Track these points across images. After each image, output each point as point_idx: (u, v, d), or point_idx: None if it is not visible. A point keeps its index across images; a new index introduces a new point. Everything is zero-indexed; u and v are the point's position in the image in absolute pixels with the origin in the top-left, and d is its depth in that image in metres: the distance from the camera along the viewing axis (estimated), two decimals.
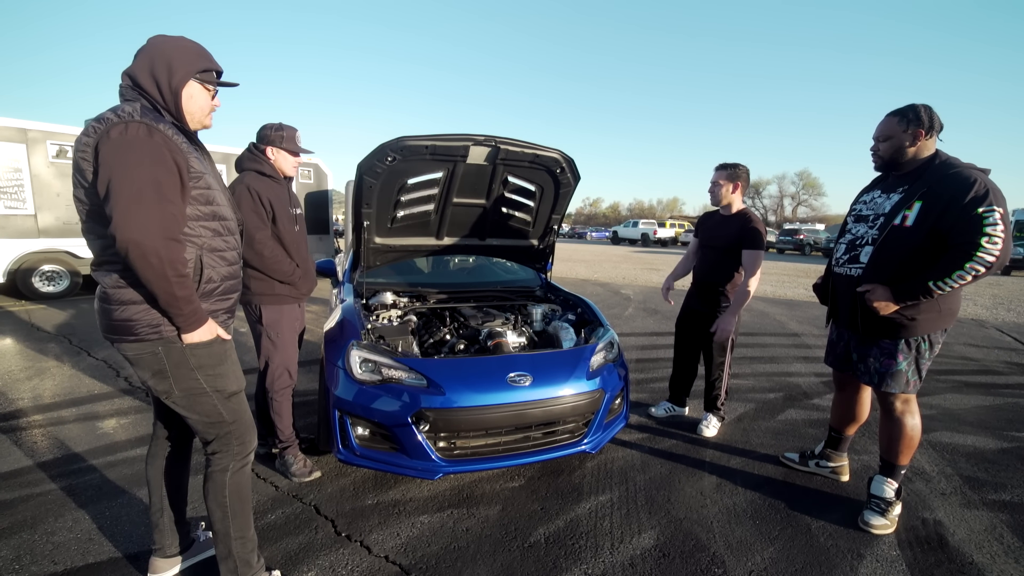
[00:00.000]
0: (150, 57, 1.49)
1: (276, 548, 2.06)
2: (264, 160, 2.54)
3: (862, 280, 2.23)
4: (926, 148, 2.17)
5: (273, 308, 2.54)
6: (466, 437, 2.40)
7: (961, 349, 5.69)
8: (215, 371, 1.64)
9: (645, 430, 3.31)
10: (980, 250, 1.91)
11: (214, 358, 1.63)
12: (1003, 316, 7.99)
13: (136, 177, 1.37)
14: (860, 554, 2.12)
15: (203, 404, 1.64)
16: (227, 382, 1.68)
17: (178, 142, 1.47)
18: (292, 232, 2.56)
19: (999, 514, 2.42)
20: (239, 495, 1.76)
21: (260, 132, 2.57)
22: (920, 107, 2.13)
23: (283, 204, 2.53)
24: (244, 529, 1.78)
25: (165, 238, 1.40)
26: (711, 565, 2.03)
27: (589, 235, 47.41)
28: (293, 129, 2.62)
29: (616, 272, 13.92)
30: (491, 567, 1.99)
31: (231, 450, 1.72)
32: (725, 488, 2.62)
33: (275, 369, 2.57)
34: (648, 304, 8.47)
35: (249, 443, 1.77)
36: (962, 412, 3.73)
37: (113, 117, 1.41)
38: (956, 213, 1.96)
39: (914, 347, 2.19)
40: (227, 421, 1.70)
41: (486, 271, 4.37)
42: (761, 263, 3.03)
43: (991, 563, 2.07)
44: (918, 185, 2.11)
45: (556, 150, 3.09)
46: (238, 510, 1.76)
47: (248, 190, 2.43)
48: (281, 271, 2.50)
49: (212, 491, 1.73)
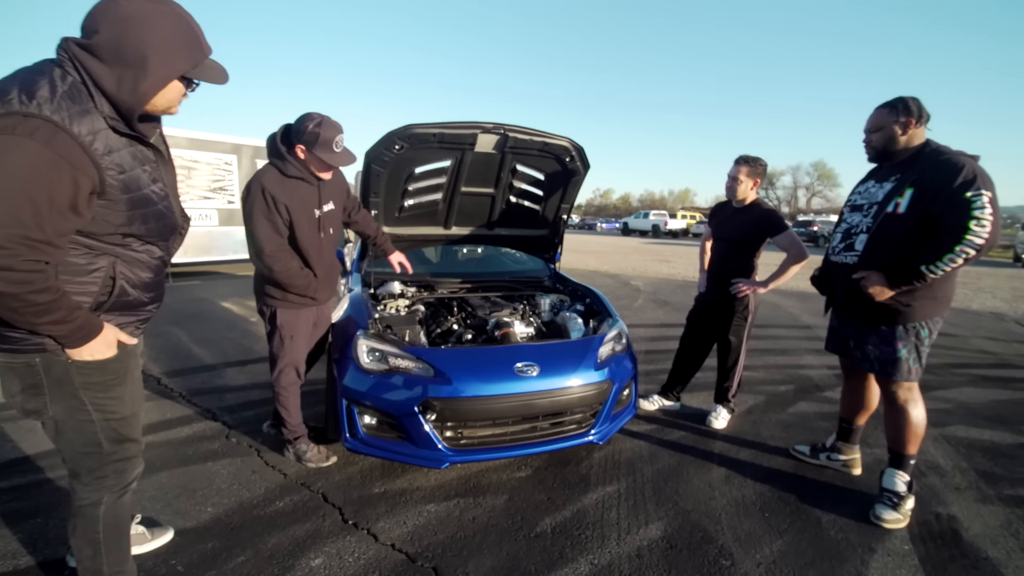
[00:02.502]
0: (121, 34, 1.13)
1: (283, 535, 2.08)
2: (290, 160, 2.24)
3: (858, 267, 2.26)
4: (916, 137, 2.22)
5: (288, 312, 2.46)
6: (473, 427, 2.40)
7: (979, 342, 5.58)
8: (107, 393, 1.37)
9: (654, 421, 3.29)
10: (969, 233, 1.95)
11: (107, 377, 1.35)
12: (1023, 309, 7.82)
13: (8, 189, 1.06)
14: (871, 548, 2.09)
15: (81, 431, 1.36)
16: (119, 405, 1.40)
17: (97, 149, 1.16)
18: (314, 239, 2.37)
19: (1015, 509, 2.37)
20: (116, 527, 1.50)
21: (297, 124, 2.23)
22: (908, 98, 2.21)
23: (306, 207, 2.31)
24: (120, 562, 1.53)
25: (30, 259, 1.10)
26: (719, 557, 2.02)
27: (599, 226, 47.10)
28: (335, 129, 2.22)
29: (626, 263, 13.84)
30: (497, 556, 1.99)
31: (106, 483, 1.44)
32: (734, 480, 2.59)
33: (283, 367, 2.53)
34: (658, 295, 8.40)
35: (129, 472, 1.49)
36: (978, 406, 3.66)
37: (15, 101, 1.07)
38: (946, 198, 2.01)
39: (912, 333, 2.21)
40: (105, 452, 1.40)
41: (494, 261, 4.35)
42: (798, 238, 2.96)
43: (1007, 559, 2.03)
44: (909, 173, 2.16)
45: (565, 138, 3.05)
46: (113, 543, 1.50)
47: (263, 194, 2.19)
48: (294, 286, 2.36)
49: (81, 528, 1.45)
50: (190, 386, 3.69)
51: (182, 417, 3.17)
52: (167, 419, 3.13)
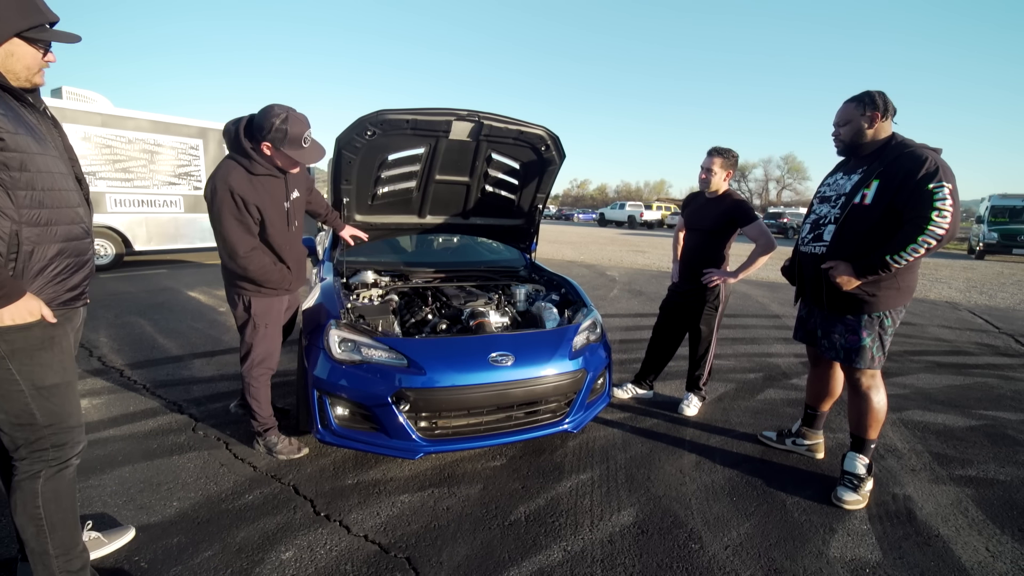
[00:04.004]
0: None
1: (253, 528, 2.04)
2: (256, 158, 2.17)
3: (826, 257, 2.32)
4: (883, 130, 2.29)
5: (263, 300, 2.44)
6: (447, 417, 2.39)
7: (935, 331, 5.84)
8: (32, 360, 1.39)
9: (627, 409, 3.34)
10: (931, 224, 2.02)
11: (32, 343, 1.38)
12: (976, 299, 8.20)
13: None
14: (832, 528, 2.17)
15: (11, 401, 1.39)
16: (46, 373, 1.42)
17: None
18: (284, 233, 2.36)
19: (965, 489, 2.50)
20: (58, 504, 1.49)
21: (260, 119, 2.13)
22: (875, 93, 2.27)
23: (276, 203, 2.28)
24: (68, 544, 1.52)
25: None
26: (688, 541, 2.07)
27: (576, 217, 47.31)
28: (302, 124, 2.16)
29: (602, 254, 13.94)
30: (471, 545, 1.99)
31: (44, 456, 1.46)
32: (704, 466, 2.66)
33: (256, 356, 2.49)
34: (633, 286, 8.50)
35: (70, 446, 1.51)
36: (933, 391, 3.83)
37: None
38: (910, 190, 2.08)
39: (877, 322, 2.28)
40: (39, 424, 1.43)
41: (470, 251, 4.32)
42: (767, 228, 3.04)
43: (956, 535, 2.14)
44: (875, 165, 2.22)
45: (541, 127, 3.03)
46: (57, 522, 1.49)
47: (232, 196, 2.13)
48: (270, 281, 2.36)
49: (21, 503, 1.45)
50: (155, 378, 3.57)
51: (146, 410, 3.07)
52: (130, 412, 3.02)
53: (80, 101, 8.19)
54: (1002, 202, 17.28)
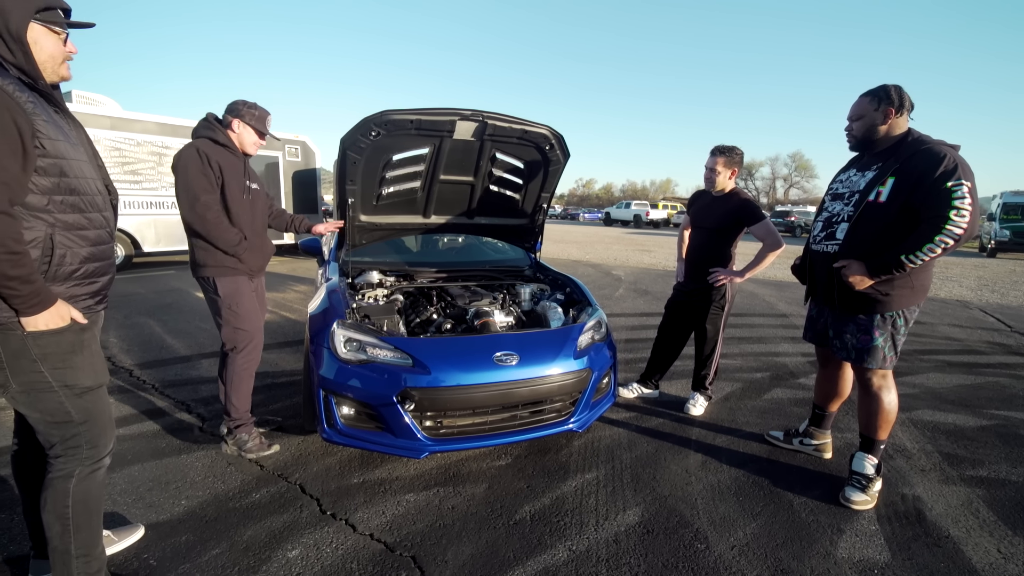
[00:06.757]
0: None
1: (260, 526, 2.05)
2: (221, 130, 2.47)
3: (838, 256, 2.27)
4: (898, 126, 2.22)
5: (228, 280, 2.49)
6: (452, 416, 2.39)
7: (945, 329, 5.77)
8: (64, 363, 1.43)
9: (632, 409, 3.33)
10: (949, 223, 1.97)
11: (64, 347, 1.42)
12: (987, 297, 8.10)
13: None
14: (840, 529, 2.15)
15: (46, 401, 1.43)
16: (79, 376, 1.46)
17: (22, 100, 1.29)
18: (240, 201, 2.49)
19: (976, 489, 2.47)
20: (85, 505, 1.52)
21: (231, 104, 2.51)
22: (891, 87, 2.19)
23: (236, 174, 2.47)
24: (89, 546, 1.55)
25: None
26: (694, 541, 2.06)
27: (582, 216, 47.23)
28: (266, 112, 2.58)
29: (608, 253, 13.91)
30: (476, 544, 2.00)
31: (79, 454, 1.51)
32: (710, 466, 2.64)
33: (238, 336, 2.52)
34: (639, 285, 8.48)
35: (103, 446, 1.55)
36: (944, 391, 3.78)
37: None
38: (927, 188, 2.02)
39: (890, 322, 2.24)
40: (75, 422, 1.47)
41: (474, 250, 4.32)
42: (774, 228, 3.01)
43: (966, 536, 2.11)
44: (891, 162, 2.16)
45: (545, 126, 3.03)
46: (83, 523, 1.52)
47: (197, 152, 2.36)
48: (224, 239, 2.42)
49: (51, 500, 1.49)
50: (163, 378, 3.61)
51: (155, 409, 3.10)
52: (140, 411, 3.06)
53: (90, 104, 8.29)
54: (1014, 199, 17.01)
